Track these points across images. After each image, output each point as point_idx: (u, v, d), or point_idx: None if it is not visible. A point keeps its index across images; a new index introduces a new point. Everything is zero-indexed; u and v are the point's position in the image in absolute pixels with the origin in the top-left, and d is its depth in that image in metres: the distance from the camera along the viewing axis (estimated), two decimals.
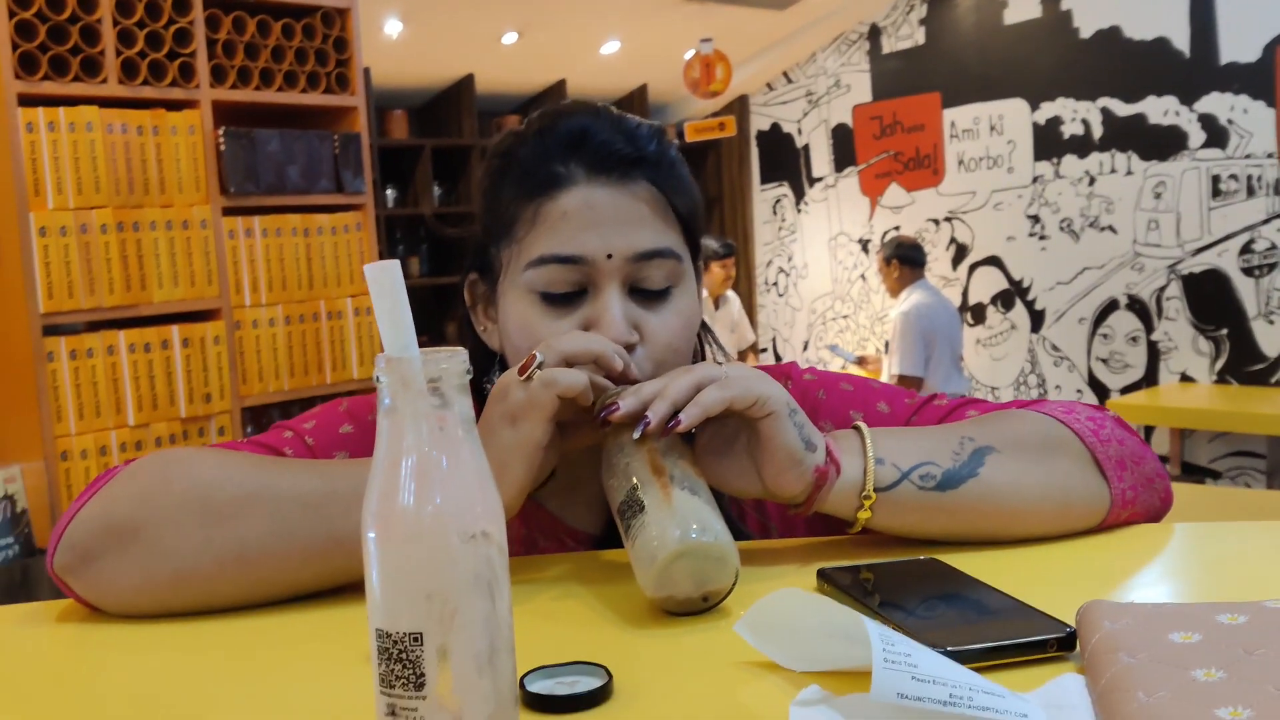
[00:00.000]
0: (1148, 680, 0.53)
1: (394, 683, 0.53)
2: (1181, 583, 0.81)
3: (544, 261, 0.88)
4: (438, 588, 0.53)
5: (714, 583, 0.73)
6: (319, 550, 0.78)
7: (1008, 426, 0.87)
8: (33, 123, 2.53)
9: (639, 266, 0.88)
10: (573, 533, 0.97)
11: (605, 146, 0.89)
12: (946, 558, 0.80)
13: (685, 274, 0.92)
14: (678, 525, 0.72)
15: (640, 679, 0.63)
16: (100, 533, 0.79)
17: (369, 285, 0.54)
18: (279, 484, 0.80)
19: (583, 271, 0.88)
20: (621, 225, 0.88)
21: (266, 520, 0.78)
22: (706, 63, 5.54)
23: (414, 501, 0.53)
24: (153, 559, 0.78)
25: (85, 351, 2.62)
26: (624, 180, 0.89)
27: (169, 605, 0.79)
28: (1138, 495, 0.88)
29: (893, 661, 0.54)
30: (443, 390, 0.54)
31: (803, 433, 0.79)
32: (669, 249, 0.89)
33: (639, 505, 0.74)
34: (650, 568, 0.72)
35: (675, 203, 0.91)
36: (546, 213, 0.88)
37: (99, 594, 0.80)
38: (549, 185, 0.89)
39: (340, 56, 3.08)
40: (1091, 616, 0.62)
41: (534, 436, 0.78)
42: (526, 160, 0.91)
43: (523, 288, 0.89)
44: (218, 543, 0.77)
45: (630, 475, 0.77)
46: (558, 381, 0.78)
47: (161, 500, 0.79)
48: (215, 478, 0.80)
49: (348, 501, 0.77)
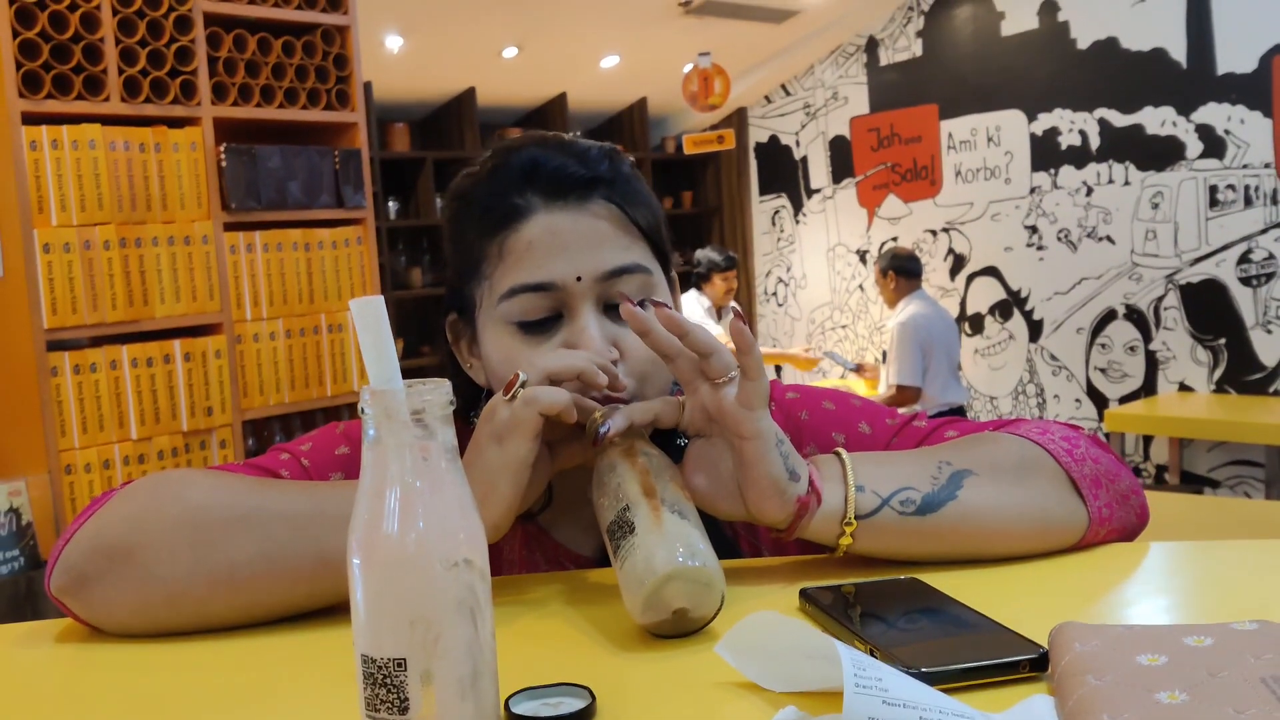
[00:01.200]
0: (1113, 702, 0.55)
1: (379, 707, 0.54)
2: (1154, 603, 0.82)
3: (515, 293, 0.89)
4: (421, 614, 0.54)
5: (700, 607, 0.74)
6: (308, 571, 0.79)
7: (984, 450, 0.89)
8: (36, 141, 2.55)
9: (610, 284, 0.90)
10: (573, 557, 0.99)
11: (559, 172, 0.90)
12: (927, 577, 0.81)
13: (657, 286, 0.93)
14: (666, 549, 0.73)
15: (623, 700, 0.65)
16: (95, 555, 0.80)
17: (354, 320, 0.56)
18: (268, 506, 0.81)
19: (555, 297, 0.89)
20: (586, 247, 0.89)
21: (256, 542, 0.79)
22: (705, 76, 5.57)
23: (398, 529, 0.55)
24: (146, 581, 0.79)
25: (88, 366, 2.64)
26: (582, 202, 0.90)
27: (165, 625, 0.81)
28: (1114, 513, 0.90)
29: (864, 686, 0.56)
30: (426, 421, 0.56)
31: (787, 463, 0.81)
32: (636, 264, 0.91)
33: (629, 526, 0.76)
34: (639, 591, 0.73)
35: (635, 217, 0.92)
36: (511, 246, 0.90)
37: (96, 615, 0.82)
38: (510, 219, 0.90)
39: (340, 73, 3.10)
40: (1063, 638, 0.63)
41: (519, 455, 0.79)
42: (484, 198, 0.93)
43: (499, 320, 0.91)
44: (208, 565, 0.79)
45: (621, 495, 0.78)
46: (539, 399, 0.79)
47: (154, 523, 0.81)
48: (206, 501, 0.82)
49: (336, 522, 0.77)
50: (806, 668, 0.64)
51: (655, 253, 0.95)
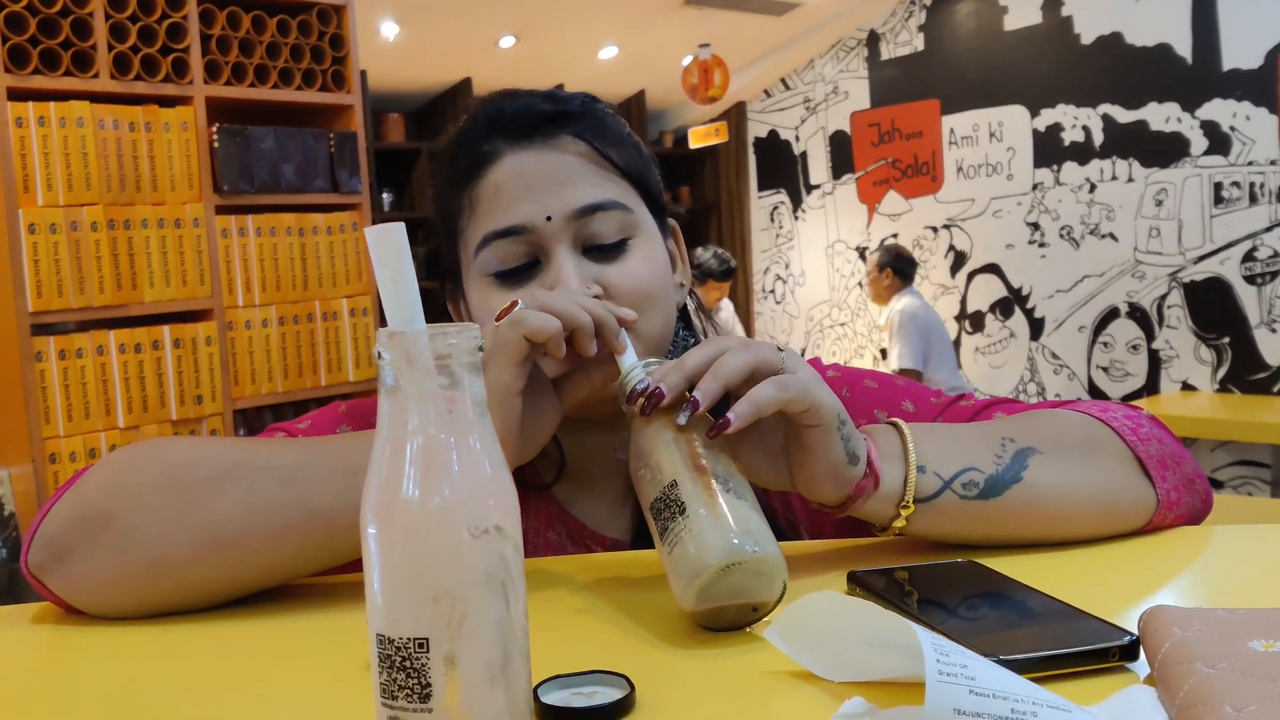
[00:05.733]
0: (1233, 692, 0.48)
1: (396, 693, 0.47)
2: (1232, 587, 0.76)
3: (487, 241, 0.86)
4: (445, 588, 0.47)
5: (759, 597, 0.65)
6: (296, 525, 0.73)
7: (1048, 427, 0.82)
8: (22, 118, 2.47)
9: (584, 224, 0.85)
10: (600, 539, 0.92)
11: (524, 111, 0.87)
12: (983, 560, 0.74)
13: (641, 225, 0.88)
14: (722, 535, 0.64)
15: (664, 690, 0.58)
16: (73, 525, 0.74)
17: (370, 250, 0.49)
18: (253, 461, 0.75)
19: (528, 241, 0.85)
20: (555, 185, 0.85)
21: (241, 496, 0.73)
22: (704, 68, 5.50)
23: (419, 492, 0.48)
24: (127, 547, 0.73)
25: (75, 351, 2.56)
26: (549, 140, 0.86)
27: (147, 597, 0.74)
28: (1181, 497, 0.84)
29: (948, 674, 0.49)
30: (452, 369, 0.49)
31: (848, 446, 0.72)
32: (610, 200, 0.86)
33: (678, 506, 0.66)
34: (691, 581, 0.64)
35: (610, 154, 0.88)
36: (480, 193, 0.87)
37: (75, 590, 0.75)
38: (477, 165, 0.87)
39: (336, 54, 3.02)
40: (1158, 623, 0.57)
41: (503, 380, 0.72)
42: (454, 151, 0.90)
43: (478, 275, 0.87)
44: (192, 523, 0.72)
45: (666, 469, 0.69)
46: (527, 321, 0.72)
47: (133, 485, 0.75)
48: (187, 459, 0.76)
49: (326, 473, 0.73)
50: (869, 655, 0.57)
51: (641, 194, 0.89)
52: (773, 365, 0.70)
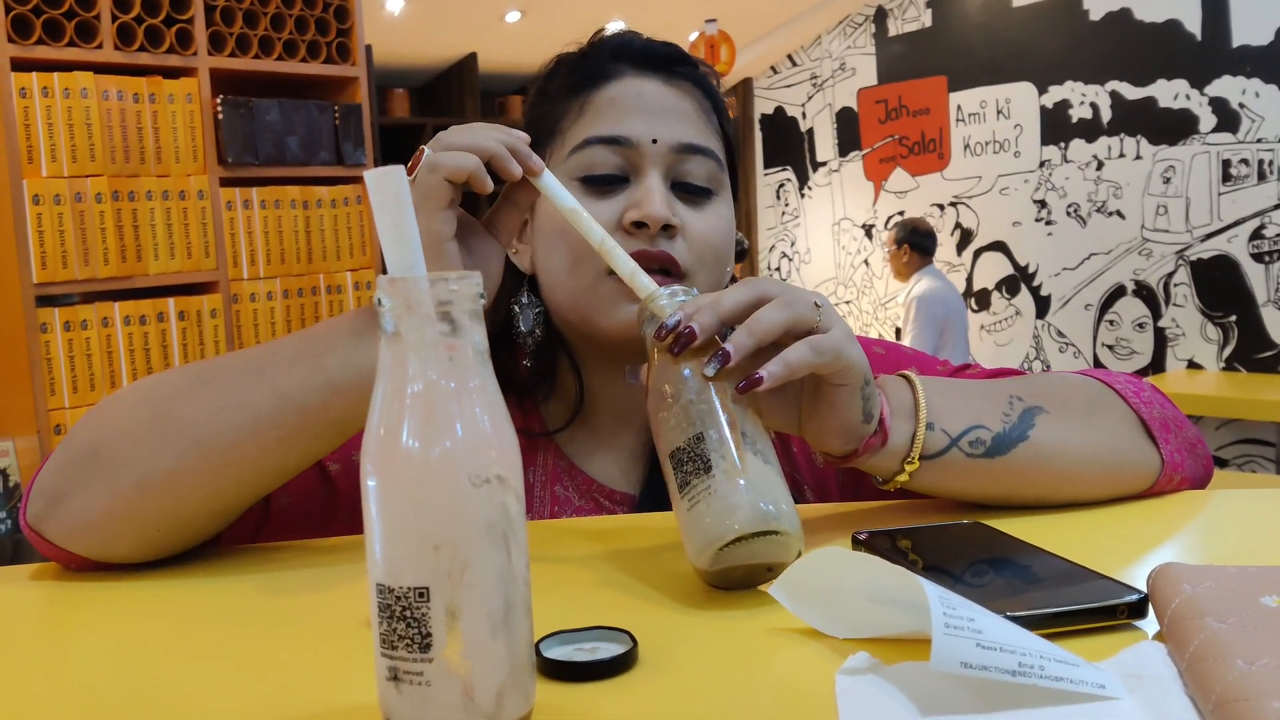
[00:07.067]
0: (1243, 646, 0.47)
1: (396, 644, 0.47)
2: (1238, 548, 0.75)
3: (589, 144, 0.87)
4: (446, 538, 0.47)
5: (774, 559, 0.64)
6: (269, 413, 0.72)
7: (1054, 387, 0.82)
8: (26, 88, 2.46)
9: (682, 159, 0.88)
10: (610, 494, 0.92)
11: (652, 46, 0.91)
12: (989, 521, 0.74)
13: (724, 184, 0.91)
14: (749, 502, 0.62)
15: (667, 646, 0.58)
16: (63, 468, 0.75)
17: (370, 194, 0.48)
18: (220, 363, 0.76)
19: (626, 155, 0.87)
20: (668, 116, 0.88)
21: (213, 397, 0.73)
22: (711, 43, 5.47)
23: (419, 441, 0.47)
24: (114, 473, 0.73)
25: (79, 323, 2.56)
26: (671, 77, 0.90)
27: (144, 523, 0.74)
28: (1184, 460, 0.84)
29: (955, 627, 0.48)
30: (453, 316, 0.48)
31: (866, 405, 0.71)
32: (712, 149, 0.89)
33: (703, 462, 0.64)
34: (709, 544, 0.63)
35: (719, 111, 0.92)
36: (594, 102, 0.89)
37: (73, 531, 0.75)
38: (599, 78, 0.90)
39: (341, 26, 3.01)
40: (1167, 579, 0.56)
41: (433, 228, 0.72)
42: (574, 65, 0.92)
43: (564, 176, 0.86)
44: (171, 434, 0.72)
45: (694, 418, 0.65)
46: (444, 163, 0.71)
47: (113, 415, 0.75)
48: (159, 379, 0.77)
49: (288, 359, 0.72)
50: (874, 611, 0.57)
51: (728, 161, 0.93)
52: (809, 323, 0.68)
